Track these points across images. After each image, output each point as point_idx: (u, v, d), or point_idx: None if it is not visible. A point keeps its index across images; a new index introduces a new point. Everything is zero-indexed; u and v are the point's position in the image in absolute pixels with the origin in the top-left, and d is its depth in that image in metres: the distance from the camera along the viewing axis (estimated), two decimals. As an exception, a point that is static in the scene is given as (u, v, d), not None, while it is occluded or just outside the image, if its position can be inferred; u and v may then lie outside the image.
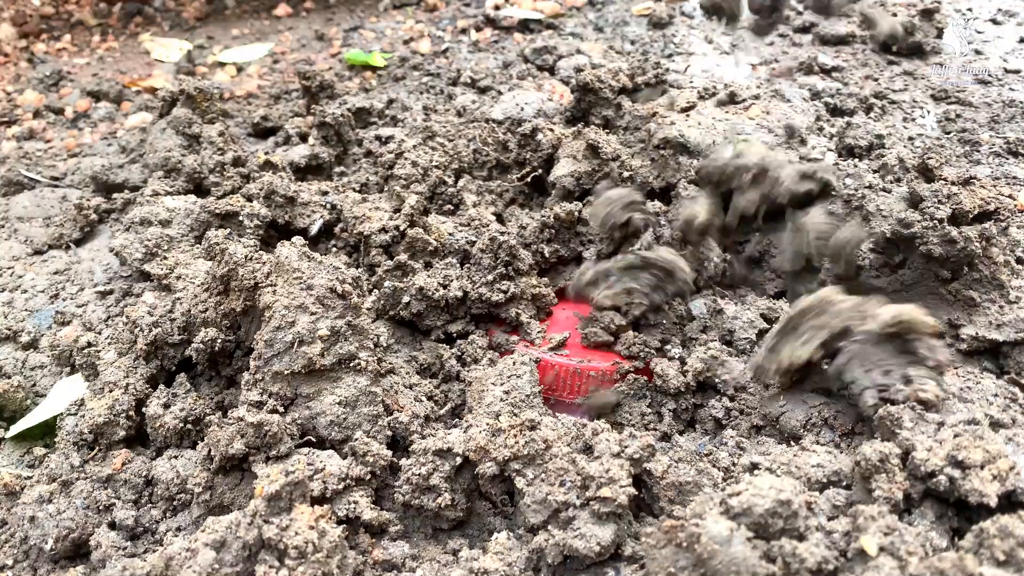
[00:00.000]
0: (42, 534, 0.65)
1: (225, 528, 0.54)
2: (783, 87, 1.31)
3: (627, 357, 0.81)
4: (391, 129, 1.27)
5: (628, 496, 0.57)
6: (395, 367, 0.79)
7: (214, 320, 0.76)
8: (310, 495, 0.59)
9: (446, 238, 0.88)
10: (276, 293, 0.68)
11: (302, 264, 0.69)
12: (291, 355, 0.66)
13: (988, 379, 0.71)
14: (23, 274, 1.03)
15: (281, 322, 0.66)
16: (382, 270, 0.87)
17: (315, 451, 0.65)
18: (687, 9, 1.80)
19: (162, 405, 0.73)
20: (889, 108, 1.30)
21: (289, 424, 0.65)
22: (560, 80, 1.46)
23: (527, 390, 0.74)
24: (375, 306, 0.85)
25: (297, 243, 0.73)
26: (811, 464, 0.58)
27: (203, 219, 0.97)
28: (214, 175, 1.09)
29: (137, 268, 0.94)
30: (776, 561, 0.46)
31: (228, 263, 0.72)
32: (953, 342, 0.81)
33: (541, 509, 0.58)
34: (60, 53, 1.87)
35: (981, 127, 1.25)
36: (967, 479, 0.52)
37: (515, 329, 0.85)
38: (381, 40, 1.80)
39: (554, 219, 0.91)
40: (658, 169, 0.99)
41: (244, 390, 0.67)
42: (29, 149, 1.35)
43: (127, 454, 0.71)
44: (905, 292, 0.85)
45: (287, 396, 0.67)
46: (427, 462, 0.64)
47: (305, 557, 0.52)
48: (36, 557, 0.66)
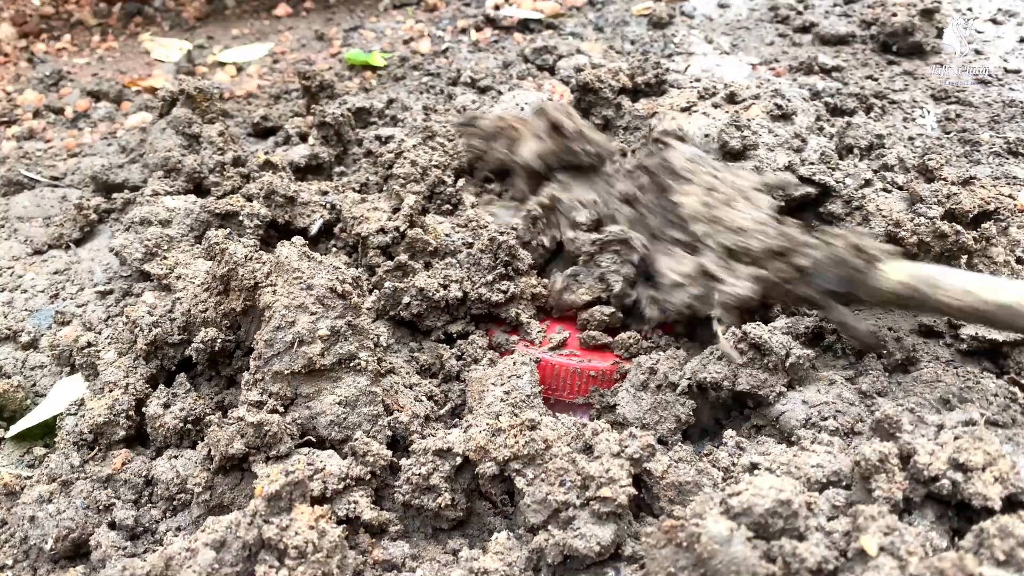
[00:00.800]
0: (42, 534, 0.65)
1: (225, 528, 0.54)
2: (783, 87, 1.31)
3: (626, 358, 0.81)
4: (391, 129, 1.27)
5: (628, 496, 0.57)
6: (395, 367, 0.79)
7: (214, 320, 0.76)
8: (310, 495, 0.59)
9: (443, 239, 0.88)
10: (276, 293, 0.68)
11: (302, 264, 0.69)
12: (291, 355, 0.66)
13: (988, 379, 0.71)
14: (23, 274, 1.03)
15: (281, 322, 0.66)
16: (382, 271, 0.87)
17: (315, 451, 0.65)
18: (687, 9, 1.80)
19: (162, 405, 0.73)
20: (889, 108, 1.30)
21: (289, 424, 0.65)
22: (560, 80, 1.46)
23: (527, 390, 0.74)
24: (375, 306, 0.85)
25: (297, 243, 0.72)
26: (811, 464, 0.58)
27: (203, 219, 0.97)
28: (214, 175, 1.09)
29: (137, 268, 0.94)
30: (776, 561, 0.46)
31: (228, 263, 0.72)
32: (953, 342, 0.81)
33: (541, 509, 0.58)
34: (60, 53, 1.87)
35: (981, 127, 1.25)
36: (970, 482, 0.52)
37: (515, 329, 0.85)
38: (381, 40, 1.80)
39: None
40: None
41: (244, 390, 0.67)
42: (29, 149, 1.35)
43: (127, 454, 0.71)
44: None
45: (287, 396, 0.67)
46: (427, 462, 0.64)
47: (305, 557, 0.52)
48: (36, 557, 0.66)
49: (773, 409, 0.71)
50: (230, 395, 0.78)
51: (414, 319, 0.84)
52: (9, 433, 0.80)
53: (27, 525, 0.66)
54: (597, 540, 0.56)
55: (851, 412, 0.69)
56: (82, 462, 0.72)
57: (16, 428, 0.80)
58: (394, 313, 0.84)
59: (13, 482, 0.73)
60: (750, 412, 0.74)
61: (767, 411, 0.72)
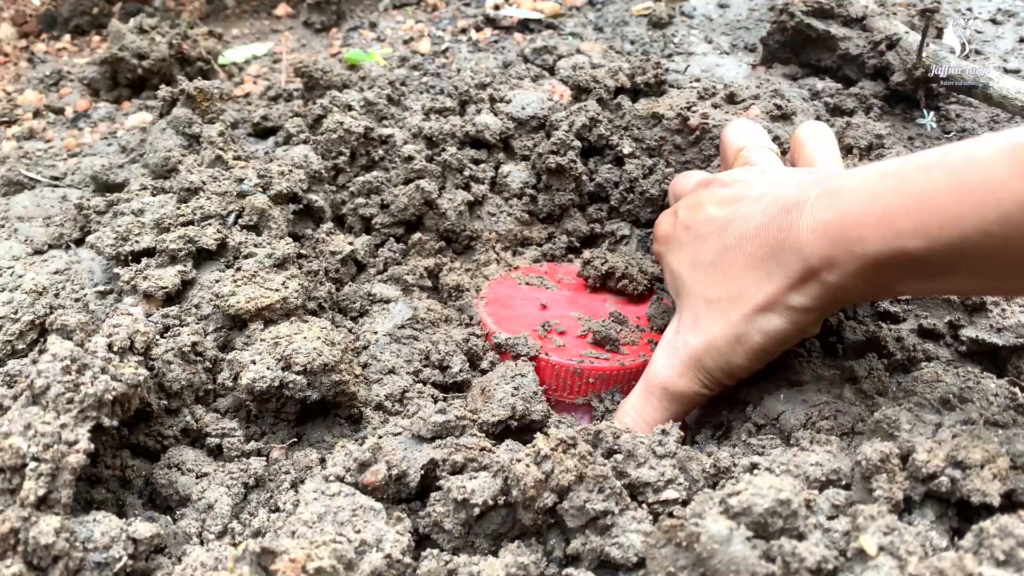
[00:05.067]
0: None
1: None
2: (783, 87, 1.31)
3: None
4: (390, 129, 1.27)
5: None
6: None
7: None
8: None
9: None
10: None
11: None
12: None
13: (989, 379, 0.71)
14: (23, 274, 1.03)
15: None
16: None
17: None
18: (687, 9, 1.80)
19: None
20: (889, 108, 1.30)
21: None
22: (560, 80, 1.46)
23: (532, 388, 0.74)
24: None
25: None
26: (810, 463, 0.58)
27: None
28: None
29: (111, 256, 0.91)
30: (776, 560, 0.46)
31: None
32: (952, 343, 0.81)
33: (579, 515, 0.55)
34: (60, 53, 1.87)
35: (981, 127, 1.25)
36: (968, 479, 0.52)
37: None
38: (381, 40, 1.80)
39: (547, 171, 0.91)
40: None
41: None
42: (29, 149, 1.35)
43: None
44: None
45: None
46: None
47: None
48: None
49: (773, 409, 0.71)
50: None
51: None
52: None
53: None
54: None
55: (851, 412, 0.69)
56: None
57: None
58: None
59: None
60: (751, 412, 0.74)
61: (767, 410, 0.72)
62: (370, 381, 0.77)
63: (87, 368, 0.55)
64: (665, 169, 1.05)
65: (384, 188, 1.04)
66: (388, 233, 1.02)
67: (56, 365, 0.53)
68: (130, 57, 1.49)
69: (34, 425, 0.50)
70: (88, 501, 0.59)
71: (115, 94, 1.56)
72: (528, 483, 0.53)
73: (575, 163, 1.06)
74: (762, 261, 0.65)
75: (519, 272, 0.97)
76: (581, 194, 1.09)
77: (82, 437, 0.51)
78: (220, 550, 0.53)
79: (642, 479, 0.57)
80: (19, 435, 0.49)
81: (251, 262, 0.80)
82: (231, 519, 0.62)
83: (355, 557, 0.48)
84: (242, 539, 0.58)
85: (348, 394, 0.70)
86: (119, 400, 0.56)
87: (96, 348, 0.59)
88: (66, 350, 0.55)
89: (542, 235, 1.09)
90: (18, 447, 0.49)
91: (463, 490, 0.55)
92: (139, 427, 0.67)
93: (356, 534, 0.50)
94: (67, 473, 0.50)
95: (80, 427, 0.52)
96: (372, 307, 0.89)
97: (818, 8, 1.36)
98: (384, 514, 0.54)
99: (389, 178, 1.05)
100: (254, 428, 0.71)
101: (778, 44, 1.42)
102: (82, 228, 1.10)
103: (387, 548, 0.50)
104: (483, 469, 0.58)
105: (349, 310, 0.90)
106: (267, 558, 0.47)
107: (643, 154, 1.08)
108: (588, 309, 0.89)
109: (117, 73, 1.53)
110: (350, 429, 0.72)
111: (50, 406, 0.52)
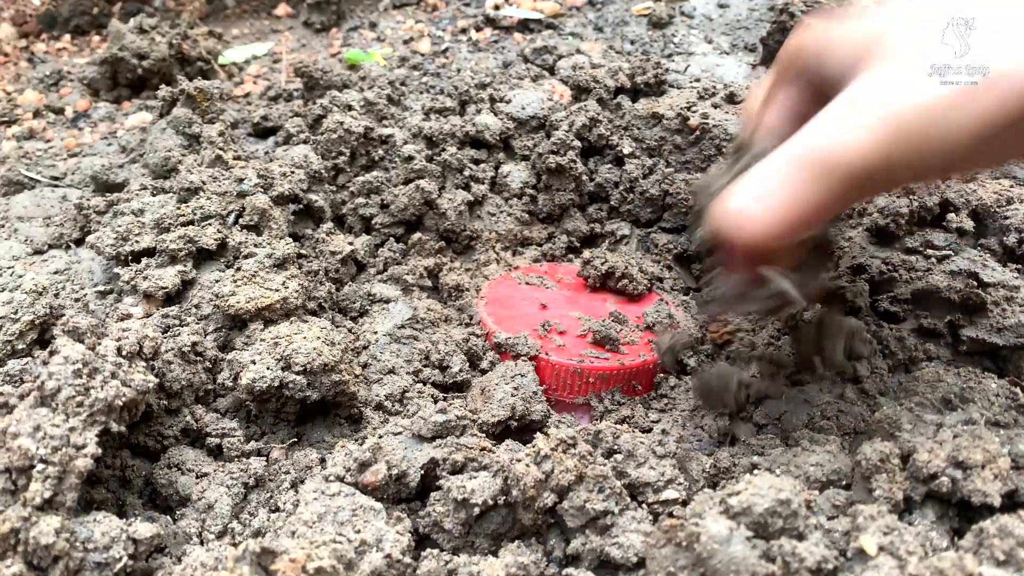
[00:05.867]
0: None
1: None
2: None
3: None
4: (390, 129, 1.27)
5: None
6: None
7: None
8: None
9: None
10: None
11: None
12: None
13: (990, 379, 0.71)
14: (23, 274, 1.03)
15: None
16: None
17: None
18: (687, 9, 1.80)
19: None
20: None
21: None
22: (560, 80, 1.46)
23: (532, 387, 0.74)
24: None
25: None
26: (810, 463, 0.58)
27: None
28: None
29: (111, 255, 0.92)
30: (776, 560, 0.46)
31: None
32: (953, 343, 0.81)
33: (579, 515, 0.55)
34: (60, 53, 1.87)
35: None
36: (969, 480, 0.52)
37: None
38: (381, 40, 1.80)
39: (547, 171, 0.91)
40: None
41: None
42: (29, 149, 1.35)
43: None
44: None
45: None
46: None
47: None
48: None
49: (774, 408, 0.71)
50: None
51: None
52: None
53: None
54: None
55: (851, 412, 0.69)
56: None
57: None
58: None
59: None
60: (751, 411, 0.74)
61: (769, 410, 0.72)
62: (370, 381, 0.77)
63: (98, 372, 0.55)
64: (665, 169, 1.05)
65: (384, 188, 1.04)
66: (388, 233, 1.02)
67: (67, 368, 0.53)
68: (130, 57, 1.49)
69: (43, 427, 0.50)
70: (88, 501, 0.59)
71: (115, 94, 1.56)
72: (528, 483, 0.53)
73: (575, 163, 1.06)
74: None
75: (519, 272, 0.97)
76: (581, 194, 1.09)
77: (90, 441, 0.51)
78: (220, 550, 0.53)
79: (642, 479, 0.57)
80: (27, 436, 0.49)
81: (251, 262, 0.80)
82: (231, 519, 0.61)
83: (355, 557, 0.48)
84: (242, 539, 0.58)
85: (348, 394, 0.70)
86: (127, 406, 0.56)
87: (106, 352, 0.59)
88: (78, 353, 0.54)
89: (542, 235, 1.09)
90: (26, 448, 0.49)
91: (463, 490, 0.55)
92: (139, 427, 0.67)
93: (356, 534, 0.50)
94: (74, 476, 0.50)
95: (89, 431, 0.52)
96: (372, 307, 0.89)
97: (818, 8, 1.36)
98: (384, 514, 0.54)
99: (389, 178, 1.06)
100: (254, 428, 0.71)
101: (778, 44, 1.42)
102: (82, 228, 1.10)
103: (387, 548, 0.50)
104: (483, 469, 0.58)
105: (349, 310, 0.90)
106: (267, 558, 0.47)
107: (643, 154, 1.08)
108: (588, 309, 0.89)
109: (117, 73, 1.53)
110: (350, 429, 0.72)
111: (60, 408, 0.52)
